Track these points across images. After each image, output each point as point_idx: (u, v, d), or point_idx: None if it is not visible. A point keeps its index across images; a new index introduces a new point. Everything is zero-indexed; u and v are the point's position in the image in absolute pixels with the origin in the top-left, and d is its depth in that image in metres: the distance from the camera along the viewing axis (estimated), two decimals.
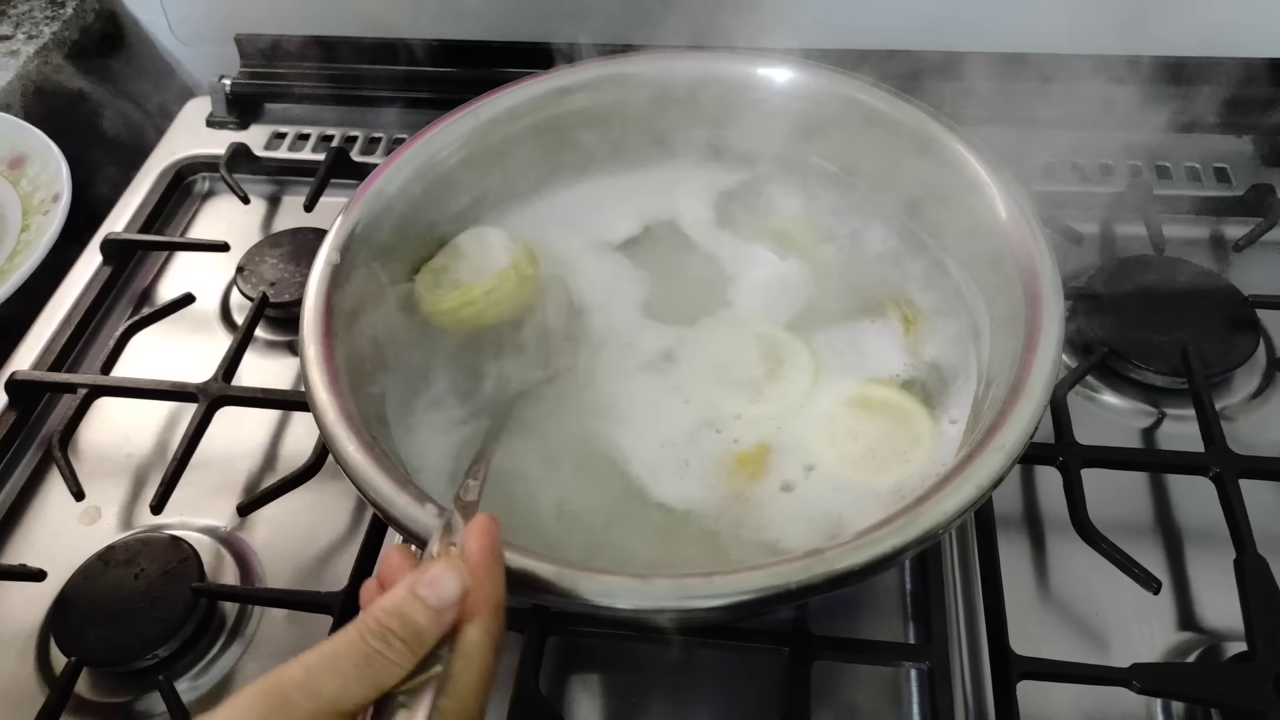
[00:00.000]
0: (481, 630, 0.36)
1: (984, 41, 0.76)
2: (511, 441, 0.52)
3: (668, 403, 0.55)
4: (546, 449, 0.53)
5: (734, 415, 0.54)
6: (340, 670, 0.33)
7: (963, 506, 0.41)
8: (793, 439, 0.53)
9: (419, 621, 0.35)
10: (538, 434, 0.54)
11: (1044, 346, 0.45)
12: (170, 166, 0.85)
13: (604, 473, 0.52)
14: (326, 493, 0.61)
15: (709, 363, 0.57)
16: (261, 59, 0.89)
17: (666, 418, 0.54)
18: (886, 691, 0.52)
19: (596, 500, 0.51)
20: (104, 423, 0.68)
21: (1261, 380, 0.64)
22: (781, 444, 0.53)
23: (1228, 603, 0.51)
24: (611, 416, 0.55)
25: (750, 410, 0.54)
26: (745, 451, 0.53)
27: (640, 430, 0.54)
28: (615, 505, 0.51)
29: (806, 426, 0.54)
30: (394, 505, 0.42)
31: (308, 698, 0.32)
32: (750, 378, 0.56)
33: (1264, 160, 0.78)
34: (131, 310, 0.76)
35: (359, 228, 0.55)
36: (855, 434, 0.53)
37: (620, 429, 0.54)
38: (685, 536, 0.50)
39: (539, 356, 0.56)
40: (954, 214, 0.57)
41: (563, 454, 0.53)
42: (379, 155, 0.85)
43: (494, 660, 0.36)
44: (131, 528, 0.62)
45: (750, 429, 0.54)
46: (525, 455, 0.52)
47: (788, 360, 0.57)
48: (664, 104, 0.64)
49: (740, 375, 0.56)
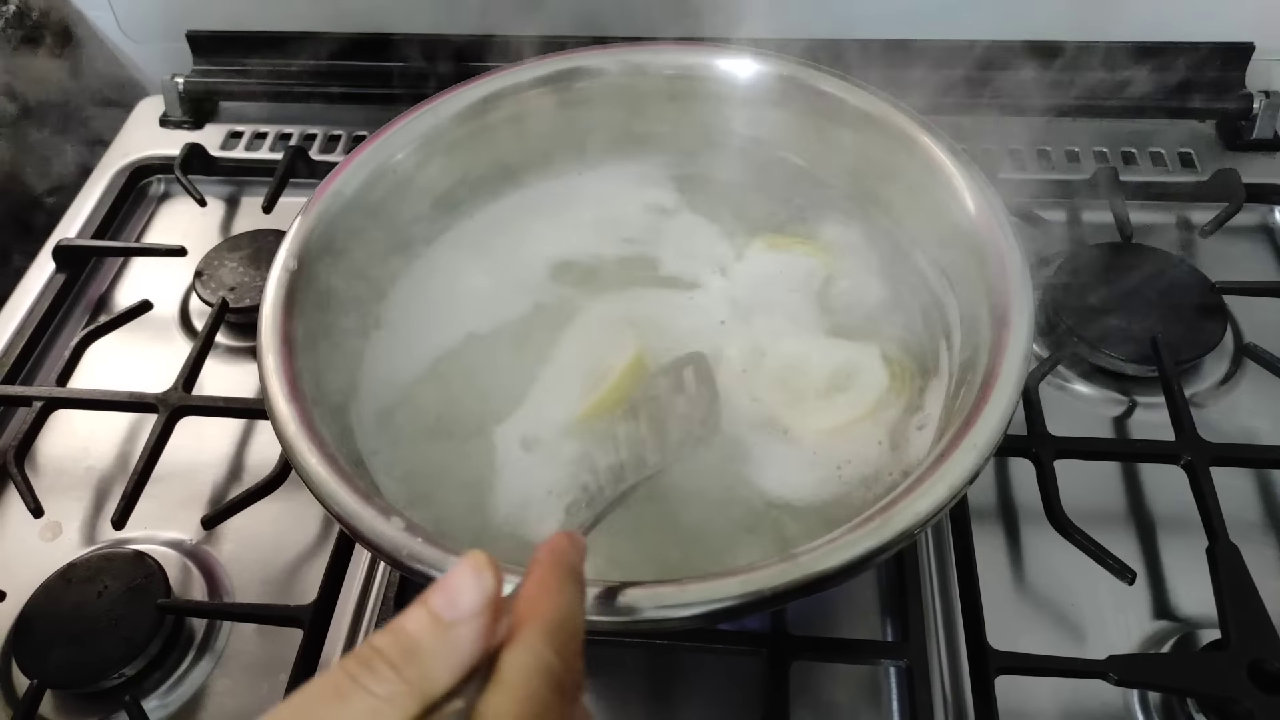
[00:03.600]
0: (529, 654, 0.27)
1: (948, 29, 0.76)
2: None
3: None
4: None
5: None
6: (303, 716, 0.25)
7: (937, 506, 0.40)
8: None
9: (418, 639, 0.26)
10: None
11: (1014, 341, 0.45)
12: (124, 169, 0.83)
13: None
14: (294, 502, 0.60)
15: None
16: (215, 56, 0.87)
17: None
18: (866, 689, 0.52)
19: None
20: (62, 436, 0.66)
21: (1230, 366, 0.65)
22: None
23: (1201, 590, 0.51)
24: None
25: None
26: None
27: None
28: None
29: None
30: (359, 519, 0.41)
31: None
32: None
33: (1227, 145, 0.79)
34: (87, 319, 0.74)
35: (317, 231, 0.53)
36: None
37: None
38: None
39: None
40: (920, 205, 0.56)
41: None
42: (339, 153, 0.83)
43: (554, 700, 0.26)
44: (94, 543, 0.61)
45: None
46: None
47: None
48: (630, 98, 0.63)
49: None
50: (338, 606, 0.55)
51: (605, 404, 0.53)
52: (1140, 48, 0.76)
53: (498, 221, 0.64)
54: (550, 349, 0.57)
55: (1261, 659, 0.47)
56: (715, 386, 0.48)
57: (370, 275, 0.58)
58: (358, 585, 0.57)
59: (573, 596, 0.29)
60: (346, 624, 0.55)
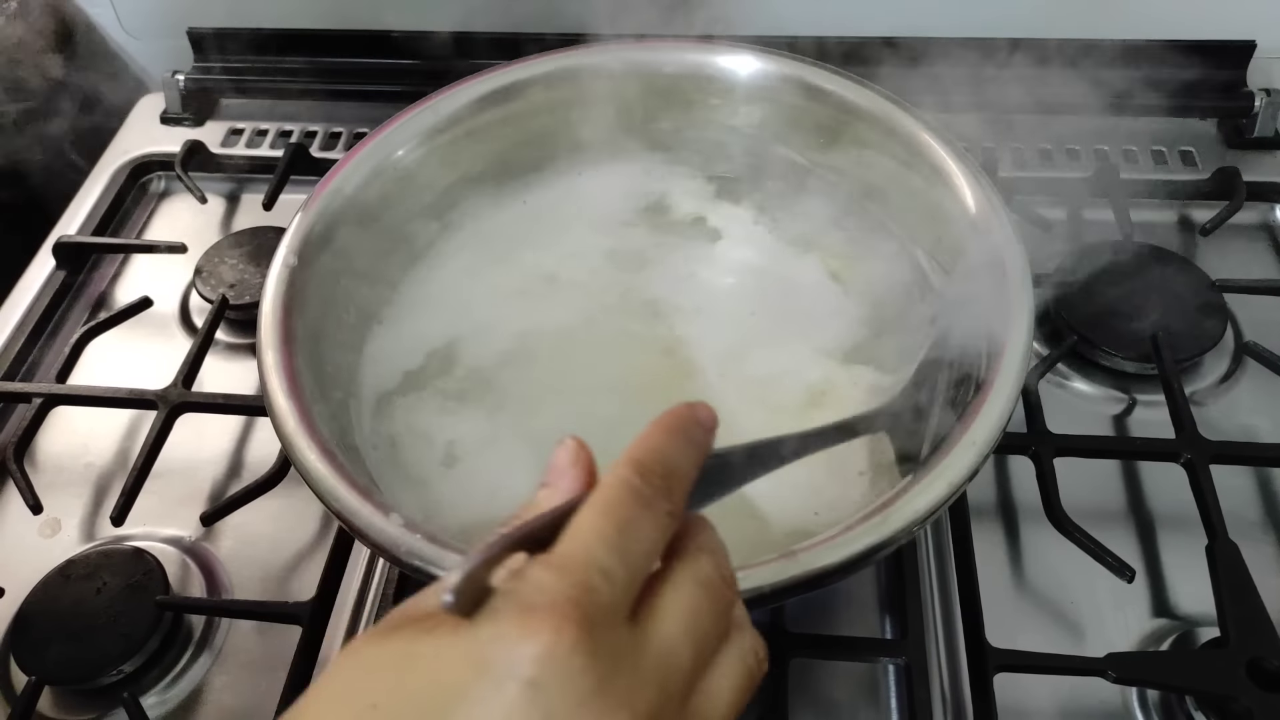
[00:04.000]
0: (606, 484, 0.29)
1: (948, 27, 0.76)
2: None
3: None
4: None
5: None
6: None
7: (936, 503, 0.40)
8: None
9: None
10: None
11: (1014, 340, 0.45)
12: (124, 166, 0.83)
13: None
14: (293, 499, 0.60)
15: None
16: (216, 53, 0.86)
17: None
18: (864, 687, 0.52)
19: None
20: (61, 432, 0.66)
21: (1230, 364, 0.64)
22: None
23: (1200, 588, 0.51)
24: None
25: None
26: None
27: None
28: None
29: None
30: (357, 516, 0.41)
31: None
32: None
33: (1228, 143, 0.78)
34: (87, 315, 0.74)
35: (317, 228, 0.53)
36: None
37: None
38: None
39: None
40: (920, 203, 0.56)
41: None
42: (339, 150, 0.83)
43: (619, 514, 0.28)
44: (92, 540, 0.60)
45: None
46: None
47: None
48: (632, 96, 0.63)
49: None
50: (336, 603, 0.55)
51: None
52: (1141, 46, 0.76)
53: (498, 218, 0.64)
54: (553, 347, 0.57)
55: (1260, 657, 0.46)
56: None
57: (371, 272, 0.58)
58: (356, 582, 0.57)
59: (668, 440, 0.30)
60: (345, 621, 0.55)
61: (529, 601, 0.25)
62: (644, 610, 0.27)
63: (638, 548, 0.28)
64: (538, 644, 0.24)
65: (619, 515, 0.27)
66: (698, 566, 0.29)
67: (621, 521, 0.27)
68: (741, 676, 0.30)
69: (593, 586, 0.26)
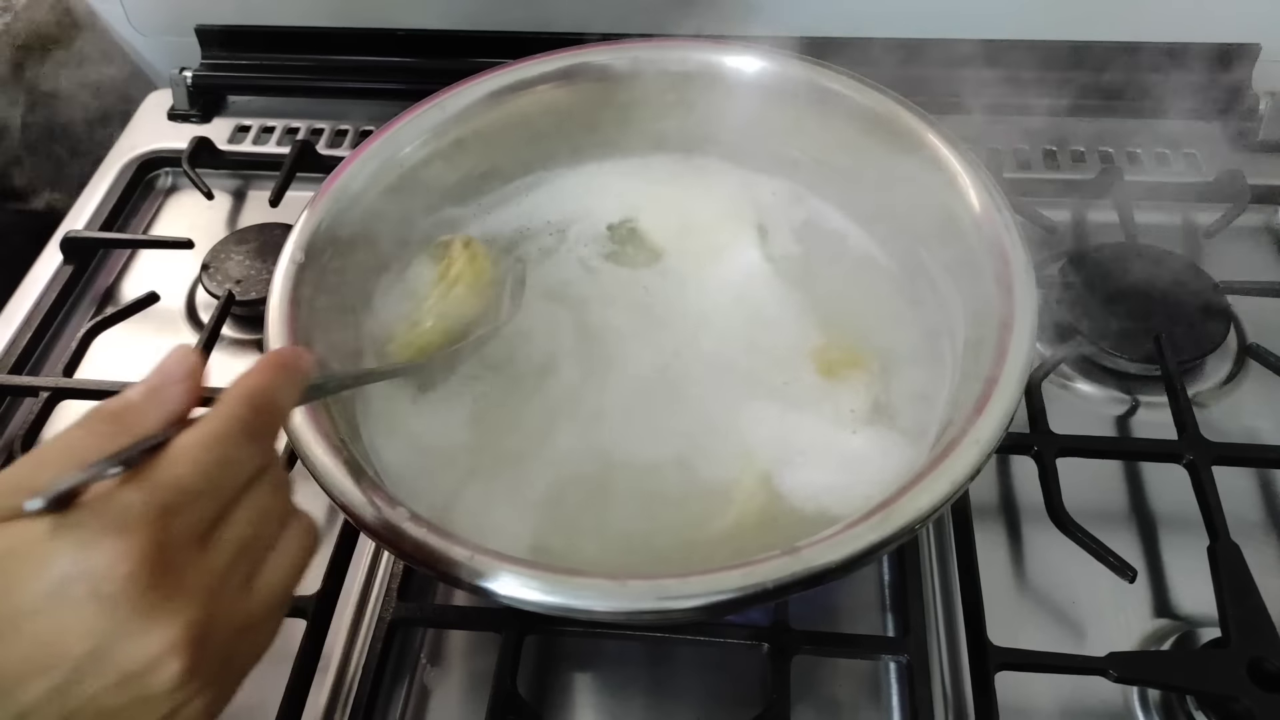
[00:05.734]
0: (222, 404, 0.33)
1: (955, 28, 0.76)
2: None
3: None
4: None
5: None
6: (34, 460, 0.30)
7: (939, 501, 0.41)
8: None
9: (130, 397, 0.32)
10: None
11: (1018, 339, 0.45)
12: (131, 162, 0.83)
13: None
14: (299, 494, 0.60)
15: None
16: (223, 50, 0.87)
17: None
18: (866, 684, 0.52)
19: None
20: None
21: (1233, 366, 0.65)
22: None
23: (1202, 589, 0.51)
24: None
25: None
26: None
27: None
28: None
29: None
30: (363, 509, 0.42)
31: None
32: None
33: (1232, 145, 0.78)
34: (94, 311, 0.74)
35: (324, 225, 0.54)
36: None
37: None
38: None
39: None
40: (925, 203, 0.56)
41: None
42: (346, 148, 0.83)
43: (239, 438, 0.32)
44: None
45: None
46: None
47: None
48: (638, 94, 0.63)
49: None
50: (341, 597, 0.55)
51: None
52: (1146, 48, 0.76)
53: (503, 215, 0.64)
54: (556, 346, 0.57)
55: (1261, 657, 0.47)
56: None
57: (377, 268, 0.58)
58: (361, 576, 0.57)
59: (276, 378, 0.35)
60: (350, 615, 0.56)
61: (110, 519, 0.28)
62: (213, 531, 0.31)
63: (231, 482, 0.32)
64: (105, 558, 0.27)
65: (222, 451, 0.31)
66: (260, 490, 0.33)
67: (224, 457, 0.31)
68: (300, 552, 0.35)
69: (176, 510, 0.29)
